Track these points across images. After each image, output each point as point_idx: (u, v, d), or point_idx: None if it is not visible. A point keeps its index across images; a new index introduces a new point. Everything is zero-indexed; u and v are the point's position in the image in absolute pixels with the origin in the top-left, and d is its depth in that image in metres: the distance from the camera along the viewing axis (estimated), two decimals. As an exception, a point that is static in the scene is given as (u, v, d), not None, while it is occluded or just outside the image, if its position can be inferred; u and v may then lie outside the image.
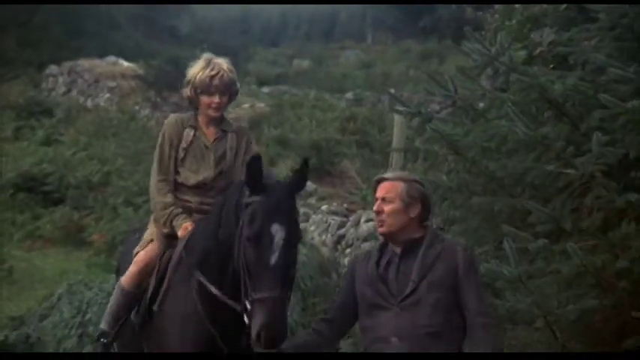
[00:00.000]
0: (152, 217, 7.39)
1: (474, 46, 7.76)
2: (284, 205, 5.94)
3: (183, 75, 7.31)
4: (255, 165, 5.97)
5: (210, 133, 7.26)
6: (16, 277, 17.84)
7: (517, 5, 10.92)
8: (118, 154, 23.57)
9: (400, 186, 6.04)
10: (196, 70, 7.13)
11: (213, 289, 6.33)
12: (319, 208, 17.99)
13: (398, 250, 5.95)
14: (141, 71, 29.76)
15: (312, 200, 18.39)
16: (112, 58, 31.51)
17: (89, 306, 13.98)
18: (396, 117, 14.21)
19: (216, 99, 7.10)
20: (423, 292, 5.66)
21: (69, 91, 30.54)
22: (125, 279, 7.24)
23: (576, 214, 6.88)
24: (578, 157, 6.58)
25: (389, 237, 6.00)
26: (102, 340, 7.26)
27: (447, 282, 5.69)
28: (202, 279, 6.43)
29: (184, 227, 6.91)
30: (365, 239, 14.95)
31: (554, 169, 6.80)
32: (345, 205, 17.73)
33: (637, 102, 6.32)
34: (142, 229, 7.64)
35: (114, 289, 7.56)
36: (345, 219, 17.06)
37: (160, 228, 7.13)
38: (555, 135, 7.05)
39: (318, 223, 17.67)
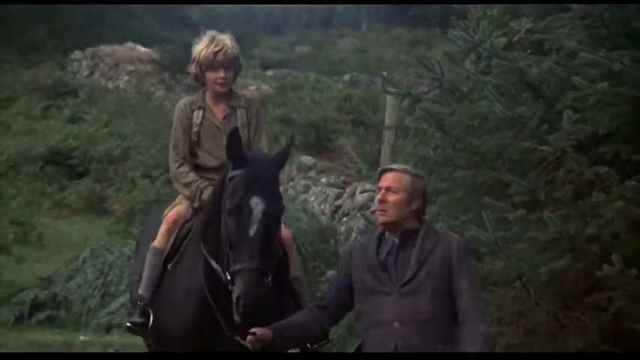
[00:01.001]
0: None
1: (459, 34, 7.77)
2: (264, 178, 5.74)
3: None
4: (233, 137, 5.80)
5: (219, 110, 6.92)
6: (45, 242, 17.89)
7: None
8: (136, 131, 23.51)
9: (406, 178, 5.75)
10: (201, 48, 6.85)
11: (213, 263, 6.08)
12: (318, 180, 18.00)
13: (396, 239, 5.70)
14: (156, 56, 29.64)
15: (312, 173, 18.39)
16: (130, 44, 31.38)
17: (110, 268, 14.10)
18: (388, 98, 14.22)
19: (221, 74, 6.77)
20: (422, 280, 5.49)
21: (92, 74, 30.44)
22: (157, 239, 6.81)
23: (550, 186, 6.89)
24: (552, 134, 6.59)
25: (388, 226, 5.74)
26: (139, 302, 6.80)
27: (443, 270, 5.52)
28: (205, 252, 6.18)
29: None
30: (360, 209, 14.95)
31: (530, 145, 6.82)
32: (341, 178, 17.71)
33: (606, 84, 6.32)
34: (161, 206, 7.35)
35: (134, 255, 7.38)
36: (341, 190, 17.07)
37: (192, 203, 6.79)
38: (531, 114, 7.05)
39: (318, 194, 17.69)
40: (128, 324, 6.81)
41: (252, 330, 5.47)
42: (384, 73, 13.45)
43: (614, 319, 6.36)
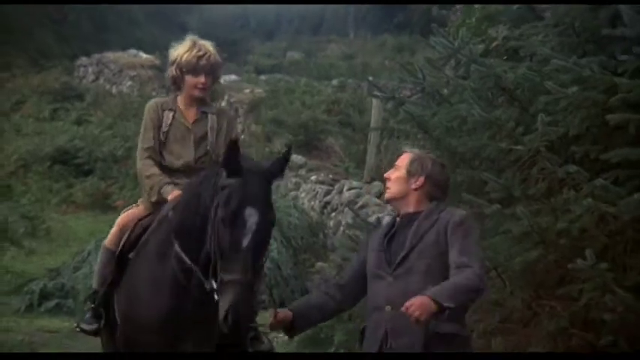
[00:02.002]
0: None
1: (440, 41, 7.78)
2: (259, 189, 5.28)
3: None
4: (232, 148, 5.31)
5: (190, 114, 6.44)
6: (53, 235, 17.94)
7: (476, 5, 10.90)
8: (138, 133, 23.43)
9: (409, 157, 5.43)
10: (182, 51, 6.37)
11: (188, 261, 5.52)
12: (308, 178, 18.07)
13: (400, 220, 5.36)
14: (157, 62, 29.66)
15: (303, 171, 18.45)
16: (132, 51, 31.40)
17: (114, 260, 14.03)
18: (374, 101, 14.26)
19: (202, 79, 6.29)
20: (414, 260, 5.10)
21: (97, 79, 30.47)
22: (107, 239, 6.45)
23: (524, 183, 6.90)
24: (526, 135, 6.60)
25: (392, 203, 5.53)
26: (89, 303, 6.53)
27: (437, 247, 5.09)
28: (178, 249, 5.61)
29: (174, 193, 6.06)
30: (347, 204, 14.99)
31: (506, 145, 6.83)
32: (330, 176, 17.78)
33: (576, 88, 6.34)
34: None
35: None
36: (330, 187, 17.13)
37: (149, 197, 6.31)
38: (507, 116, 7.07)
39: (308, 191, 17.74)
40: (78, 328, 6.44)
41: (272, 312, 5.29)
42: (370, 78, 13.49)
43: (585, 309, 6.36)
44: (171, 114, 6.39)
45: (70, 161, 22.95)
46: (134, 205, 6.71)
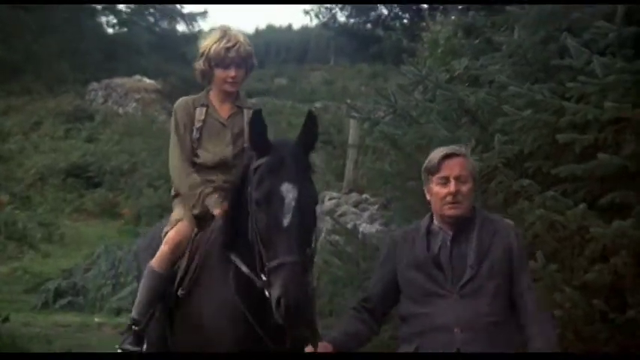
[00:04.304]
0: (176, 200, 5.41)
1: (410, 69, 7.80)
2: (294, 162, 4.30)
3: (194, 89, 5.74)
4: (257, 122, 4.39)
5: (224, 109, 5.36)
6: (67, 240, 17.97)
7: (441, 41, 10.94)
8: (142, 149, 23.62)
9: (469, 163, 4.52)
10: (211, 42, 5.28)
11: (244, 268, 4.51)
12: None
13: (449, 231, 4.40)
14: (159, 86, 29.76)
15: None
16: (137, 77, 31.41)
17: (120, 262, 14.17)
18: (352, 121, 14.25)
19: (232, 72, 5.22)
20: (484, 279, 4.25)
21: (105, 101, 30.45)
22: (156, 260, 5.16)
23: (484, 195, 6.92)
24: (486, 153, 6.62)
25: (461, 221, 4.39)
26: (134, 327, 5.23)
27: (504, 267, 4.30)
28: (236, 259, 4.60)
29: (223, 206, 4.97)
30: (328, 213, 14.97)
31: (469, 161, 6.84)
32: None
33: (529, 111, 6.35)
34: (153, 233, 5.69)
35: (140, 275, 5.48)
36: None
37: (190, 209, 5.21)
38: (469, 136, 7.07)
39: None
40: (120, 350, 5.27)
41: (314, 347, 4.31)
42: (349, 101, 13.50)
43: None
44: (204, 110, 5.35)
45: (82, 175, 23.05)
46: (175, 220, 5.33)
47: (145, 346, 5.25)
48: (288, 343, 4.45)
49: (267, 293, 4.13)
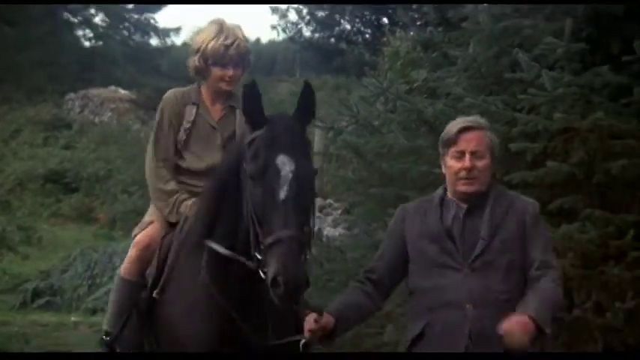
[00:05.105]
0: (152, 205, 4.83)
1: (372, 81, 7.81)
2: (290, 135, 3.86)
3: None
4: (251, 92, 3.96)
5: (216, 110, 4.80)
6: (44, 243, 17.85)
7: (401, 55, 10.98)
8: (117, 157, 23.47)
9: (487, 136, 4.08)
10: (207, 37, 4.70)
11: (223, 250, 4.01)
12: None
13: (463, 205, 4.03)
14: (134, 97, 29.61)
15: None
16: (112, 88, 31.25)
17: (96, 264, 14.11)
18: (317, 130, 14.24)
19: (230, 71, 4.70)
20: (496, 253, 3.90)
21: (82, 111, 30.24)
22: (125, 267, 4.71)
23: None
24: (443, 160, 6.64)
25: (476, 196, 4.00)
26: (104, 337, 4.79)
27: (519, 241, 3.93)
28: (213, 245, 4.07)
29: (191, 205, 4.50)
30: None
31: (427, 168, 6.84)
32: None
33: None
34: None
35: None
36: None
37: (167, 217, 4.65)
38: (427, 144, 7.09)
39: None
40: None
41: (312, 318, 3.75)
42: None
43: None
44: (194, 109, 4.76)
45: (60, 180, 22.89)
46: (147, 222, 4.82)
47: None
48: (270, 335, 3.99)
49: (262, 274, 3.67)
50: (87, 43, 40.18)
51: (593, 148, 6.08)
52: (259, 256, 3.71)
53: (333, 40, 38.02)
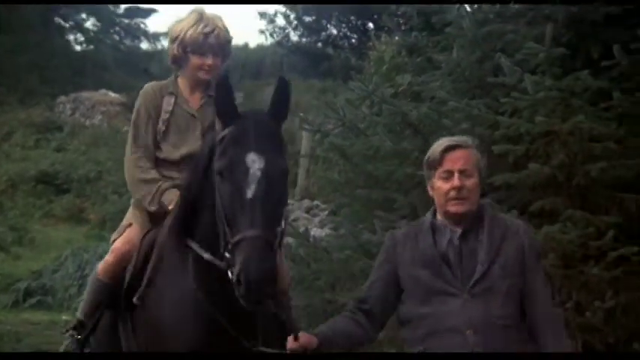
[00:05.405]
0: (132, 201, 4.69)
1: (358, 85, 7.82)
2: (261, 131, 3.68)
3: None
4: (222, 87, 3.78)
5: (194, 99, 4.61)
6: (36, 243, 17.76)
7: (386, 59, 10.99)
8: (107, 158, 23.34)
9: (474, 154, 3.90)
10: (186, 25, 4.52)
11: (205, 254, 3.82)
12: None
13: (457, 228, 3.82)
14: (124, 100, 29.46)
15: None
16: (103, 91, 31.13)
17: (87, 264, 14.06)
18: (304, 133, 14.26)
19: (209, 60, 4.51)
20: (496, 278, 3.70)
21: (73, 113, 30.11)
22: (100, 268, 4.52)
23: (426, 202, 6.94)
24: (427, 163, 6.65)
25: (465, 216, 3.81)
26: (73, 333, 4.61)
27: (518, 267, 3.75)
28: (195, 246, 3.90)
29: (174, 200, 4.25)
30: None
31: (412, 170, 6.85)
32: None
33: (467, 125, 6.42)
34: None
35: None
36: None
37: (145, 208, 4.44)
38: (412, 147, 7.10)
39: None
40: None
41: (295, 336, 3.63)
42: (301, 114, 13.50)
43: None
44: (172, 99, 4.59)
45: (51, 182, 22.75)
46: (124, 226, 4.65)
47: (89, 350, 4.59)
48: (260, 340, 3.80)
49: (230, 274, 3.48)
50: (78, 48, 40.06)
51: (574, 150, 6.10)
52: (227, 254, 3.53)
53: (320, 44, 38.07)
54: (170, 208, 4.25)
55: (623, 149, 6.11)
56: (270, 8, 41.16)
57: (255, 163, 3.55)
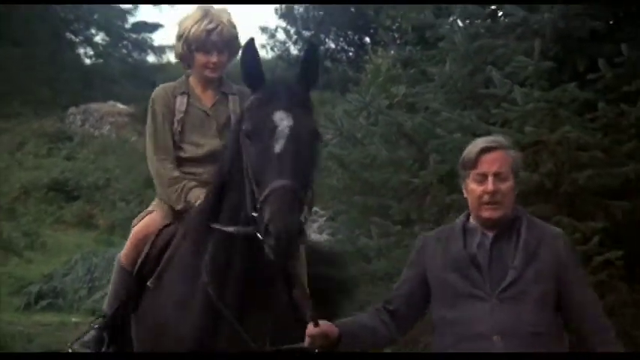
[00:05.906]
0: (157, 192, 4.41)
1: (354, 97, 7.84)
2: (291, 92, 3.45)
3: None
4: (249, 51, 3.52)
5: (207, 97, 4.39)
6: (48, 248, 17.75)
7: (383, 70, 10.99)
8: (115, 167, 23.40)
9: (510, 156, 3.58)
10: (190, 23, 4.29)
11: (230, 228, 3.55)
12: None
13: (489, 232, 3.51)
14: (132, 111, 29.52)
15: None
16: (112, 102, 31.15)
17: (96, 268, 14.05)
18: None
19: (213, 58, 4.27)
20: (529, 283, 3.38)
21: (83, 124, 30.12)
22: (123, 253, 4.34)
23: (420, 208, 6.94)
24: (422, 171, 6.66)
25: (499, 222, 3.50)
26: (96, 326, 4.36)
27: (554, 272, 3.42)
28: (218, 226, 3.65)
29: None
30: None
31: (406, 178, 6.86)
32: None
33: (459, 134, 6.41)
34: None
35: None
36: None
37: (175, 204, 4.19)
38: (407, 156, 7.11)
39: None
40: (70, 349, 4.36)
41: (315, 323, 3.37)
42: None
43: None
44: (185, 98, 4.36)
45: (62, 189, 22.77)
46: (148, 211, 4.44)
47: (104, 348, 4.28)
48: (268, 340, 3.65)
49: (259, 235, 3.19)
50: (88, 61, 40.08)
51: (562, 159, 6.11)
52: (256, 215, 3.25)
53: (318, 58, 38.05)
54: (197, 204, 4.03)
55: (608, 158, 6.11)
56: (271, 23, 41.12)
57: (283, 121, 3.33)
